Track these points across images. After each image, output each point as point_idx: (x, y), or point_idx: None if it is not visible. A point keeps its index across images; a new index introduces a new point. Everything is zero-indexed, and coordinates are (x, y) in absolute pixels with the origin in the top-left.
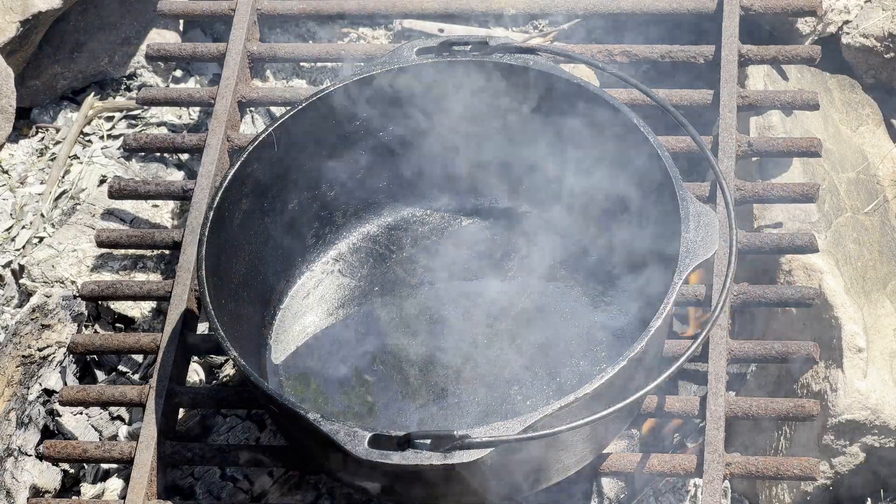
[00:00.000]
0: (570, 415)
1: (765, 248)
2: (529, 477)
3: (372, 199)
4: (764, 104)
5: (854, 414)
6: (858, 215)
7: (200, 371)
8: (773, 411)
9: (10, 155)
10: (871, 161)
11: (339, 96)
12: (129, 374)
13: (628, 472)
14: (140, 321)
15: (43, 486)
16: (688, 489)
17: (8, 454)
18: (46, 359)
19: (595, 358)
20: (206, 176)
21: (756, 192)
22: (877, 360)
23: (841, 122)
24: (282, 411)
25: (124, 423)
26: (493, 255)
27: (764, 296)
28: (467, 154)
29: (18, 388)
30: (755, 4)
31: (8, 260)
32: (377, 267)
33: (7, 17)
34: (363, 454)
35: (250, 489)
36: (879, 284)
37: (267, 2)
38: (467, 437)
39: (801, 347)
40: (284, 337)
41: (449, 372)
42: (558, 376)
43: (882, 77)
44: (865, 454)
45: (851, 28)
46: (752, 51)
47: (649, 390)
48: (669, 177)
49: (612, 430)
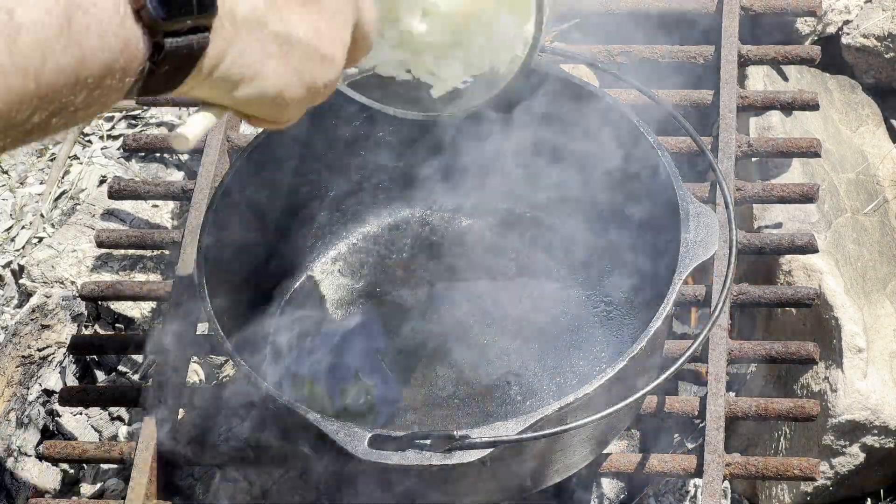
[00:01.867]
0: (569, 415)
1: (765, 249)
2: (529, 477)
3: (372, 198)
4: (764, 104)
5: (854, 414)
6: (858, 216)
7: (200, 371)
8: (773, 412)
9: (9, 155)
10: (871, 161)
11: (339, 96)
12: (128, 374)
13: (628, 472)
14: (140, 321)
15: (43, 487)
16: (687, 490)
17: (7, 454)
18: (46, 359)
19: (595, 358)
20: (205, 176)
21: (756, 192)
22: (877, 361)
23: (841, 123)
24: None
25: (124, 424)
26: (493, 256)
27: (764, 296)
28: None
29: (18, 389)
30: (755, 4)
31: (8, 260)
32: (377, 267)
33: None
34: (363, 454)
35: (250, 490)
36: (879, 285)
37: None
38: (467, 437)
39: (800, 348)
40: (284, 337)
41: (449, 372)
42: (558, 376)
43: (882, 77)
44: (866, 454)
45: (851, 28)
46: (751, 51)
47: (649, 390)
48: (669, 177)
49: (612, 430)
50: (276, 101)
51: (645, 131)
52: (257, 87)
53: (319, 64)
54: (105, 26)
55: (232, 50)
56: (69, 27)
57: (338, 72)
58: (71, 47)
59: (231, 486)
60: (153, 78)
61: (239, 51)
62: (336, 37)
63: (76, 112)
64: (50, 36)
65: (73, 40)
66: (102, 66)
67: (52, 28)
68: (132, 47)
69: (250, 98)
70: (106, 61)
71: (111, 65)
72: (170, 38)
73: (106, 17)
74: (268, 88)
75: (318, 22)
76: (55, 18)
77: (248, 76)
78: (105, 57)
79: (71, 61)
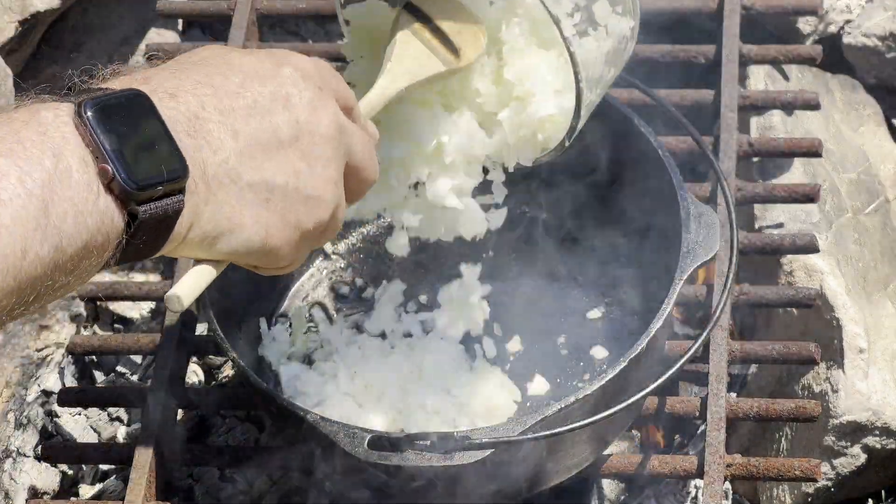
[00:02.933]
0: (570, 416)
1: (766, 249)
2: (529, 478)
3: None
4: (765, 104)
5: (855, 415)
6: (860, 216)
7: (200, 372)
8: (775, 412)
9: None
10: (873, 161)
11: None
12: (127, 374)
13: (629, 473)
14: (139, 322)
15: (42, 488)
16: (688, 490)
17: (6, 455)
18: (45, 360)
19: (595, 359)
20: None
21: (757, 192)
22: (878, 361)
23: (842, 123)
24: (281, 412)
25: (123, 425)
26: (493, 256)
27: (765, 296)
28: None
29: (17, 389)
30: (756, 4)
31: None
32: (377, 267)
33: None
34: (363, 455)
35: (249, 490)
36: (881, 285)
37: (266, 1)
38: (467, 437)
39: (801, 348)
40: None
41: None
42: (558, 377)
43: (884, 77)
44: (867, 455)
45: (853, 28)
46: (752, 50)
47: (650, 391)
48: (670, 177)
49: (612, 431)
50: (264, 250)
51: (645, 131)
52: (238, 238)
53: (304, 205)
54: (80, 207)
55: (207, 208)
56: (46, 218)
57: (328, 210)
58: (49, 237)
59: (230, 487)
60: (130, 248)
61: (214, 207)
62: (319, 174)
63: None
64: (28, 230)
65: (51, 229)
66: (80, 247)
67: (30, 222)
68: (108, 222)
69: (235, 250)
70: (84, 242)
71: (88, 244)
72: (143, 206)
73: (80, 198)
74: (251, 237)
75: (298, 164)
76: (32, 212)
77: (226, 229)
78: (83, 238)
79: (50, 251)
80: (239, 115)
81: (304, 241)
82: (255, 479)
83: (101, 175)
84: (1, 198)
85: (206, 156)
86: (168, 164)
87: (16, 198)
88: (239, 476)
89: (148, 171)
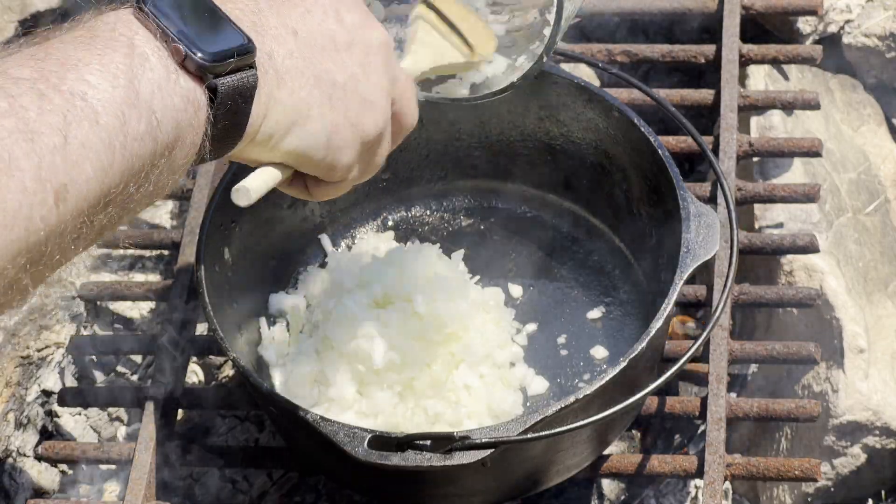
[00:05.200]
0: (570, 416)
1: (766, 249)
2: (530, 478)
3: (371, 199)
4: (765, 104)
5: (855, 415)
6: (860, 216)
7: (200, 372)
8: (775, 412)
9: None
10: (873, 161)
11: None
12: (127, 374)
13: (629, 473)
14: (139, 322)
15: (42, 487)
16: (689, 490)
17: (6, 455)
18: (45, 359)
19: (595, 358)
20: (205, 176)
21: (757, 192)
22: (878, 361)
23: (842, 122)
24: (281, 412)
25: (123, 424)
26: (493, 256)
27: (765, 296)
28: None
29: (17, 389)
30: (756, 4)
31: None
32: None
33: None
34: (363, 455)
35: (249, 490)
36: (881, 285)
37: None
38: (467, 438)
39: (801, 348)
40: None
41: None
42: (558, 377)
43: (884, 77)
44: (867, 455)
45: (853, 27)
46: (752, 50)
47: (650, 391)
48: (670, 177)
49: (612, 431)
50: (329, 147)
51: (645, 131)
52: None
53: (362, 107)
54: (164, 88)
55: (279, 93)
56: (137, 97)
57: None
58: (144, 115)
59: (230, 487)
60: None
61: (286, 93)
62: (374, 81)
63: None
64: (124, 107)
65: (142, 106)
66: (172, 128)
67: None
68: (191, 99)
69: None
70: (175, 122)
71: (180, 124)
72: (221, 79)
73: (162, 78)
74: (318, 133)
75: (354, 68)
76: (121, 92)
77: (296, 120)
78: (173, 118)
79: (147, 128)
80: (296, 17)
81: (362, 149)
82: (255, 479)
83: (175, 55)
84: (89, 82)
85: (272, 46)
86: (235, 40)
87: (104, 81)
88: (238, 476)
89: (218, 45)
